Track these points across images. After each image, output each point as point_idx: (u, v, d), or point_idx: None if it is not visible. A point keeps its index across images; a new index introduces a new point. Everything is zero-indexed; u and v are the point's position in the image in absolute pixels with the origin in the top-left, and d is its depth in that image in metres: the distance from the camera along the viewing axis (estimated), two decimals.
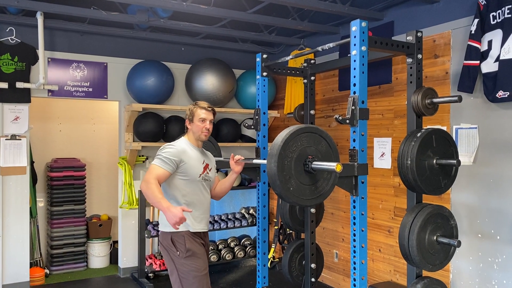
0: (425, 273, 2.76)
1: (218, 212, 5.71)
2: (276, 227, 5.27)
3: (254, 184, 5.50)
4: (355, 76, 2.52)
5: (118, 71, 5.00)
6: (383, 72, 4.03)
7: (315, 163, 2.33)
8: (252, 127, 3.67)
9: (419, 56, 2.79)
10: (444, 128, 3.44)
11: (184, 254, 2.71)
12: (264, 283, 3.63)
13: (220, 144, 4.31)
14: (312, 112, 3.87)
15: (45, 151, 5.58)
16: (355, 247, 2.55)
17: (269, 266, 4.59)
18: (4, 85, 4.33)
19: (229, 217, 5.42)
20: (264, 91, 3.62)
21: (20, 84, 4.38)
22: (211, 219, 5.19)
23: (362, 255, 2.54)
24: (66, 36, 4.75)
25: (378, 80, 4.08)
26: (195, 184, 2.80)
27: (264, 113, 3.63)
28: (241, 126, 5.50)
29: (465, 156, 3.29)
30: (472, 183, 3.31)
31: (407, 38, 2.81)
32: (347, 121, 2.49)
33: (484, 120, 3.22)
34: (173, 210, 2.45)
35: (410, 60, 2.80)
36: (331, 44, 2.90)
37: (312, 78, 3.87)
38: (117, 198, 5.29)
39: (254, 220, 5.41)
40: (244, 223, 5.34)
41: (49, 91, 4.62)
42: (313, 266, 3.71)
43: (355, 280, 2.55)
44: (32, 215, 4.97)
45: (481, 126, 3.24)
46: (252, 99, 5.30)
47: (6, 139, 4.41)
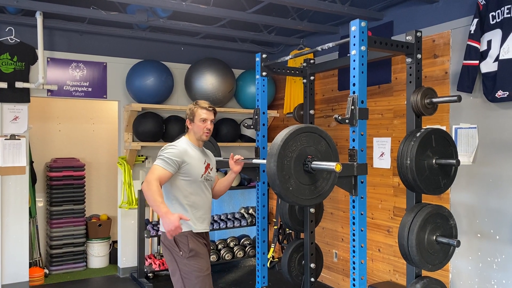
0: (424, 273, 2.76)
1: (218, 212, 5.71)
2: (275, 227, 5.27)
3: (254, 184, 5.50)
4: (354, 76, 2.52)
5: (117, 71, 5.00)
6: (383, 72, 4.03)
7: (314, 163, 2.33)
8: (252, 127, 3.66)
9: (419, 56, 2.79)
10: (444, 128, 3.44)
11: (187, 254, 2.70)
12: (264, 283, 3.63)
13: (220, 144, 4.31)
14: (312, 112, 3.87)
15: (44, 151, 5.58)
16: (354, 247, 2.55)
17: (268, 266, 4.59)
18: (3, 85, 4.32)
19: (228, 217, 5.42)
20: (264, 91, 3.62)
21: (19, 84, 4.38)
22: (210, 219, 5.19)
23: (362, 255, 2.54)
24: (66, 36, 4.75)
25: (378, 80, 4.09)
26: (197, 184, 2.79)
27: (264, 113, 3.63)
28: (240, 126, 5.50)
29: (464, 156, 3.29)
30: (471, 183, 3.31)
31: (407, 38, 2.81)
32: (347, 121, 2.49)
33: (483, 120, 3.22)
34: (170, 217, 2.44)
35: (409, 60, 2.80)
36: (331, 44, 2.90)
37: (312, 78, 3.86)
38: (116, 198, 5.28)
39: (254, 220, 5.41)
40: (243, 223, 5.34)
41: (48, 91, 4.62)
42: (312, 266, 3.71)
43: (354, 280, 2.55)
44: (32, 215, 4.97)
45: (480, 126, 3.24)
46: (251, 99, 5.30)
47: (5, 139, 4.41)
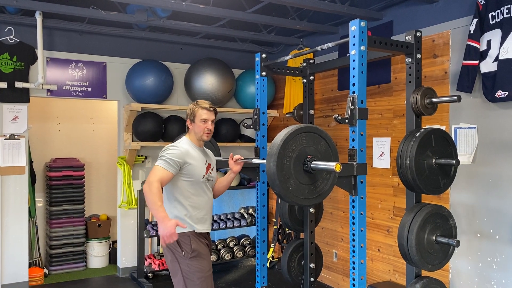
0: (424, 272, 2.76)
1: (217, 212, 5.71)
2: (275, 227, 5.27)
3: (253, 184, 5.50)
4: (354, 76, 2.52)
5: (117, 71, 5.00)
6: (382, 71, 4.03)
7: (314, 162, 2.33)
8: (251, 126, 3.66)
9: (418, 55, 2.79)
10: (443, 127, 3.44)
11: (189, 254, 2.69)
12: (263, 283, 3.63)
13: (219, 144, 4.30)
14: (311, 111, 3.87)
15: (44, 151, 5.58)
16: (354, 246, 2.55)
17: (268, 266, 4.59)
18: (3, 84, 4.32)
19: (228, 217, 5.42)
20: (263, 91, 3.62)
21: (19, 84, 4.38)
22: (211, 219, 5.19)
23: (361, 254, 2.54)
24: (65, 36, 4.75)
25: (377, 80, 4.09)
26: (199, 185, 2.78)
27: (263, 112, 3.62)
28: (240, 126, 5.50)
29: (464, 156, 3.29)
30: (471, 182, 3.31)
31: (406, 38, 2.81)
32: (346, 120, 2.49)
33: (483, 119, 3.22)
34: (167, 223, 2.42)
35: (409, 60, 2.80)
36: (330, 44, 2.89)
37: (311, 78, 3.86)
38: (116, 198, 5.28)
39: (253, 220, 5.41)
40: (243, 222, 5.33)
41: (48, 90, 4.62)
42: (312, 265, 3.71)
43: (354, 279, 2.55)
44: (31, 215, 4.97)
45: (480, 125, 3.24)
46: (251, 99, 5.30)
47: (5, 139, 4.41)
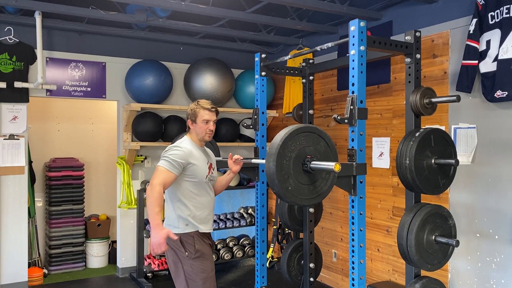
0: (423, 272, 2.76)
1: (217, 212, 5.70)
2: (274, 227, 5.27)
3: (253, 183, 5.50)
4: (353, 76, 2.51)
5: (116, 71, 5.00)
6: (382, 71, 4.03)
7: (313, 162, 2.33)
8: (251, 126, 3.66)
9: (418, 55, 2.79)
10: (443, 127, 3.44)
11: (192, 255, 2.69)
12: (263, 283, 3.63)
13: (219, 143, 4.31)
14: (311, 111, 3.87)
15: (43, 150, 5.57)
16: (353, 246, 2.55)
17: (267, 265, 4.59)
18: (2, 84, 4.32)
19: (227, 216, 5.42)
20: (263, 91, 3.62)
21: (18, 84, 4.38)
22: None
23: (361, 254, 2.54)
24: (65, 36, 4.75)
25: (377, 80, 4.09)
26: (202, 185, 2.78)
27: (263, 112, 3.62)
28: (239, 126, 5.49)
29: (463, 156, 3.29)
30: (470, 182, 3.31)
31: (406, 38, 2.81)
32: (346, 120, 2.49)
33: (482, 119, 3.22)
34: (159, 231, 2.44)
35: (408, 60, 2.80)
36: (330, 44, 2.89)
37: (311, 78, 3.86)
38: (115, 198, 5.28)
39: (253, 220, 5.41)
40: (242, 222, 5.33)
41: (47, 90, 4.62)
42: (311, 265, 3.71)
43: (353, 279, 2.55)
44: (31, 215, 4.97)
45: (479, 125, 3.24)
46: (250, 99, 5.30)
47: (4, 139, 4.41)
